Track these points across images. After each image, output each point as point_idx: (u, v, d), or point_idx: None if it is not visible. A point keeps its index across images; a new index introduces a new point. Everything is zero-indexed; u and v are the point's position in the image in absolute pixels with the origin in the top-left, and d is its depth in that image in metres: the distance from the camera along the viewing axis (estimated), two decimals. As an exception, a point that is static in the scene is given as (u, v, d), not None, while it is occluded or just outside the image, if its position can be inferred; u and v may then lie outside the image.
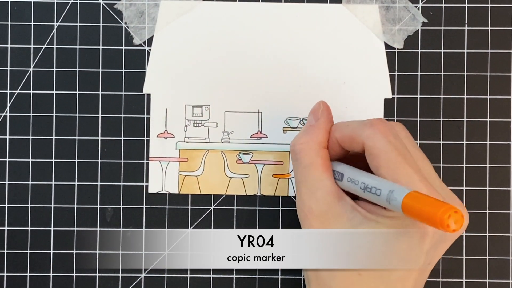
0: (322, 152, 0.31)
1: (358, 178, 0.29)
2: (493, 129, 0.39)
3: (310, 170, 0.31)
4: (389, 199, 0.26)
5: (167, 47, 0.39)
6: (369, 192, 0.28)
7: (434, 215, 0.23)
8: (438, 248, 0.29)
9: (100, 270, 0.38)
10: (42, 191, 0.39)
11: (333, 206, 0.29)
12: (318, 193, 0.30)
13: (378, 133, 0.29)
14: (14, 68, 0.39)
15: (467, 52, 0.39)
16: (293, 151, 0.32)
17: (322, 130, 0.32)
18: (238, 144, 0.39)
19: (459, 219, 0.24)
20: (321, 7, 0.39)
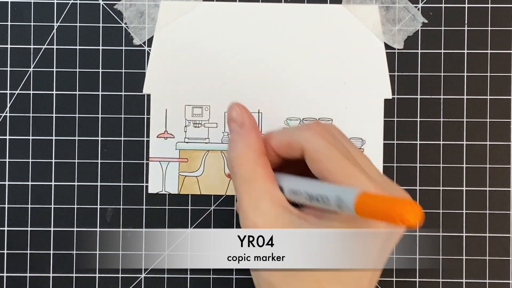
0: (261, 160, 0.29)
1: (300, 189, 0.28)
2: (493, 129, 0.39)
3: (252, 183, 0.29)
4: (339, 204, 0.26)
5: (167, 47, 0.39)
6: (317, 201, 0.27)
7: (391, 213, 0.23)
8: (390, 239, 0.28)
9: (100, 270, 0.38)
10: (42, 191, 0.39)
11: (278, 218, 0.28)
12: (262, 205, 0.28)
13: (316, 136, 0.28)
14: (14, 68, 0.39)
15: (467, 52, 0.39)
16: (231, 167, 0.29)
17: (253, 136, 0.30)
18: (238, 144, 0.39)
19: (416, 212, 0.23)
20: (321, 7, 0.39)
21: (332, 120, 0.39)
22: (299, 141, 0.28)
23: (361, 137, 0.39)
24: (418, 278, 0.38)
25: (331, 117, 0.39)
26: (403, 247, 0.39)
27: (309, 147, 0.28)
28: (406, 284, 0.38)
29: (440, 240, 0.38)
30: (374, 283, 0.29)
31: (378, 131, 0.39)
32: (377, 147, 0.39)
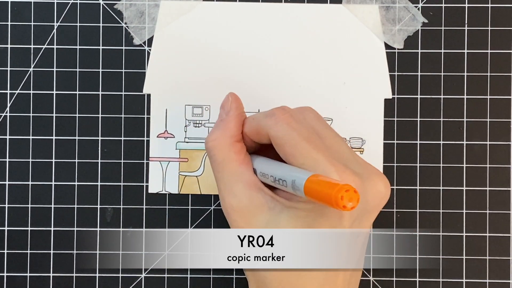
0: (236, 146, 0.31)
1: (267, 171, 0.29)
2: (493, 129, 0.39)
3: (225, 166, 0.30)
4: (294, 188, 0.27)
5: (167, 47, 0.39)
6: (279, 184, 0.28)
7: (329, 198, 0.24)
8: (363, 220, 0.28)
9: (100, 270, 0.38)
10: (42, 191, 0.39)
11: (252, 199, 0.29)
12: (235, 188, 0.30)
13: (279, 122, 0.29)
14: (14, 68, 0.39)
15: (467, 52, 0.39)
16: (207, 148, 0.32)
17: (232, 123, 0.32)
18: (238, 144, 0.39)
19: (352, 196, 0.24)
20: (321, 7, 0.39)
21: (332, 120, 0.39)
22: (264, 128, 0.30)
23: (361, 137, 0.39)
24: (418, 278, 0.38)
25: (331, 117, 0.39)
26: (403, 247, 0.39)
27: (272, 133, 0.29)
28: (406, 284, 0.38)
29: (440, 240, 0.38)
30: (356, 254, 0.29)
31: (378, 131, 0.39)
32: (377, 147, 0.39)
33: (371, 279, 0.38)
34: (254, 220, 0.29)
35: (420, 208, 0.39)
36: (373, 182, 0.28)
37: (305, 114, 0.31)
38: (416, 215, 0.39)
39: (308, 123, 0.30)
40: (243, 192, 0.30)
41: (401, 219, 0.39)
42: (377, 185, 0.28)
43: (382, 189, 0.28)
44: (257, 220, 0.29)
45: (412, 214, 0.39)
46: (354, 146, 0.39)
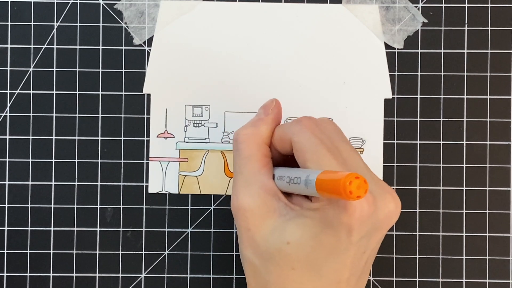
0: (264, 148, 0.31)
1: (285, 174, 0.30)
2: (493, 129, 0.39)
3: (248, 162, 0.30)
4: (306, 183, 0.27)
5: (167, 47, 0.39)
6: (293, 183, 0.28)
7: (337, 185, 0.24)
8: (371, 237, 0.28)
9: (100, 270, 0.38)
10: (42, 191, 0.39)
11: (266, 202, 0.29)
12: (253, 187, 0.30)
13: (303, 128, 0.29)
14: (14, 68, 0.39)
15: (467, 52, 0.39)
16: (236, 140, 0.31)
17: (268, 125, 0.32)
18: (238, 144, 0.39)
19: (361, 184, 0.24)
20: (321, 7, 0.39)
21: (332, 120, 0.39)
22: (288, 134, 0.30)
23: (361, 137, 0.39)
24: (418, 278, 0.38)
25: (331, 117, 0.39)
26: (403, 247, 0.39)
27: (295, 138, 0.29)
28: (406, 284, 0.38)
29: (440, 240, 0.38)
30: (358, 272, 0.29)
31: (378, 131, 0.39)
32: (377, 147, 0.39)
33: (371, 279, 0.38)
34: (263, 223, 0.29)
35: (420, 208, 0.39)
36: (385, 201, 0.28)
37: (327, 125, 0.31)
38: (416, 215, 0.39)
39: (329, 135, 0.30)
40: (259, 193, 0.30)
41: (401, 219, 0.39)
42: (389, 203, 0.28)
43: (393, 208, 0.29)
44: (265, 224, 0.29)
45: (412, 214, 0.39)
46: (354, 146, 0.39)
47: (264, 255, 0.29)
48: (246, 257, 0.30)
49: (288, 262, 0.28)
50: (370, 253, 0.29)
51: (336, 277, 0.28)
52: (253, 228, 0.29)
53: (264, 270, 0.29)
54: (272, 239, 0.28)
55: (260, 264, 0.29)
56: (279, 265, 0.28)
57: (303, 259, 0.28)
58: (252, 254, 0.29)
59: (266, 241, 0.29)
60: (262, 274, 0.29)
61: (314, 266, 0.28)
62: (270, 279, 0.29)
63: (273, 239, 0.28)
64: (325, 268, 0.28)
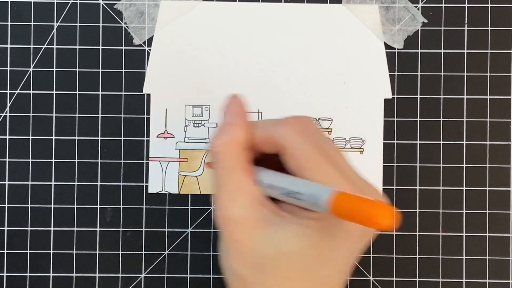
0: (244, 155, 0.29)
1: (277, 184, 0.28)
2: (493, 129, 0.39)
3: (230, 174, 0.29)
4: (314, 203, 0.26)
5: (167, 47, 0.39)
6: (291, 197, 0.27)
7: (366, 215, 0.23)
8: (363, 240, 0.28)
9: (100, 270, 0.38)
10: (42, 191, 0.39)
11: (254, 211, 0.28)
12: (239, 199, 0.28)
13: (294, 132, 0.28)
14: (14, 68, 0.39)
15: (467, 52, 0.39)
16: (213, 153, 0.29)
17: (242, 129, 0.29)
18: (238, 144, 0.39)
19: (390, 214, 0.23)
20: (321, 7, 0.39)
21: (332, 120, 0.39)
22: (277, 137, 0.28)
23: (361, 137, 0.39)
24: (418, 278, 0.38)
25: (331, 117, 0.39)
26: (403, 247, 0.39)
27: (286, 144, 0.28)
28: (406, 284, 0.38)
29: (440, 240, 0.38)
30: (346, 274, 0.29)
31: (378, 131, 0.39)
32: (377, 147, 0.39)
33: (371, 279, 0.38)
34: (253, 234, 0.28)
35: (420, 208, 0.39)
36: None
37: (312, 126, 0.30)
38: (416, 215, 0.39)
39: (317, 136, 0.29)
40: (246, 203, 0.28)
41: (402, 219, 0.38)
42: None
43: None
44: (255, 235, 0.28)
45: (412, 214, 0.39)
46: (354, 146, 0.39)
47: (254, 266, 0.28)
48: (234, 270, 0.28)
49: (284, 271, 0.27)
50: (356, 255, 0.29)
51: (329, 282, 0.28)
52: (242, 240, 0.28)
53: (256, 282, 0.28)
54: (264, 249, 0.27)
55: (251, 276, 0.28)
56: (273, 275, 0.27)
57: (300, 268, 0.27)
58: (241, 267, 0.28)
59: (257, 252, 0.27)
60: (253, 286, 0.28)
61: (310, 274, 0.27)
62: (255, 281, 0.28)
63: (265, 249, 0.27)
64: (320, 274, 0.28)
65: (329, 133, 0.39)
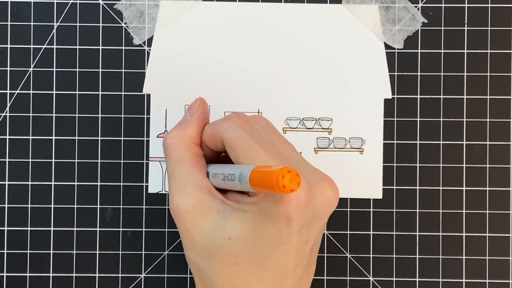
0: (193, 148, 0.31)
1: (219, 171, 0.30)
2: (493, 129, 0.39)
3: (179, 165, 0.30)
4: (240, 179, 0.27)
5: (167, 47, 0.39)
6: (228, 180, 0.28)
7: (270, 180, 0.24)
8: (312, 225, 0.28)
9: (100, 270, 0.38)
10: (42, 191, 0.39)
11: (202, 201, 0.29)
12: (187, 188, 0.30)
13: (233, 125, 0.29)
14: (14, 68, 0.39)
15: (467, 52, 0.39)
16: (164, 145, 0.31)
17: (194, 125, 0.32)
18: (238, 144, 0.39)
19: (294, 178, 0.24)
20: (321, 7, 0.39)
21: (332, 120, 0.39)
22: (219, 131, 0.30)
23: (361, 137, 0.39)
24: (418, 278, 0.38)
25: (331, 117, 0.39)
26: (403, 247, 0.39)
27: (225, 135, 0.29)
28: (406, 284, 0.38)
29: (440, 240, 0.38)
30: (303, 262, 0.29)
31: (378, 131, 0.39)
32: (377, 147, 0.39)
33: (371, 279, 0.38)
34: (202, 222, 0.29)
35: (420, 208, 0.39)
36: (321, 187, 0.28)
37: (258, 121, 0.31)
38: (416, 215, 0.39)
39: (261, 129, 0.30)
40: (194, 193, 0.30)
41: (401, 219, 0.39)
42: (325, 190, 0.28)
43: (330, 194, 0.29)
44: (204, 223, 0.29)
45: (412, 214, 0.39)
46: (354, 146, 0.39)
47: (206, 254, 0.29)
48: (189, 258, 0.30)
49: (231, 258, 0.28)
50: (313, 242, 0.29)
51: (281, 269, 0.28)
52: (192, 228, 0.29)
53: (208, 269, 0.29)
54: (213, 236, 0.28)
55: (203, 264, 0.29)
56: (222, 261, 0.28)
57: (245, 253, 0.28)
58: (194, 255, 0.29)
59: (206, 240, 0.29)
60: (207, 273, 0.29)
61: (258, 259, 0.28)
62: (215, 277, 0.29)
63: (214, 236, 0.28)
64: (268, 260, 0.28)
65: (329, 133, 0.39)
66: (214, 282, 0.29)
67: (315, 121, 0.39)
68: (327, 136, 0.39)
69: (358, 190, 0.39)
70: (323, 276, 0.38)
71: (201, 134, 0.32)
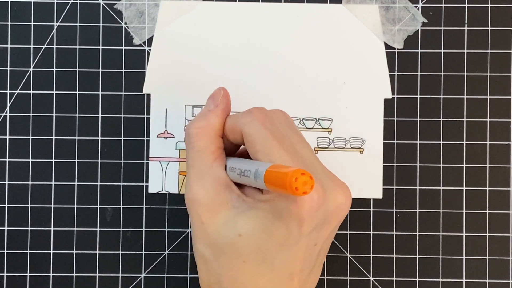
0: (217, 140, 0.31)
1: (236, 165, 0.29)
2: (493, 129, 0.39)
3: (202, 156, 0.30)
4: (256, 176, 0.27)
5: (167, 47, 0.39)
6: (244, 176, 0.28)
7: (284, 181, 0.24)
8: (322, 229, 0.28)
9: (100, 270, 0.38)
10: (42, 191, 0.39)
11: (219, 194, 0.29)
12: (206, 180, 0.30)
13: (254, 120, 0.29)
14: (14, 68, 0.39)
15: (467, 52, 0.39)
16: (188, 134, 0.31)
17: (219, 117, 0.31)
18: (238, 144, 0.39)
19: (307, 181, 0.24)
20: (321, 7, 0.39)
21: (332, 120, 0.39)
22: (239, 125, 0.30)
23: (361, 137, 0.39)
24: (418, 278, 0.38)
25: (331, 117, 0.39)
26: (403, 247, 0.39)
27: (245, 130, 0.29)
28: (406, 284, 0.38)
29: (440, 240, 0.38)
30: (310, 264, 0.29)
31: (378, 131, 0.39)
32: (377, 147, 0.39)
33: (371, 279, 0.38)
34: (217, 216, 0.29)
35: (420, 208, 0.39)
36: (334, 192, 0.28)
37: (278, 116, 0.31)
38: (416, 215, 0.39)
39: (281, 126, 0.30)
40: (212, 185, 0.29)
41: (401, 219, 0.39)
42: (338, 195, 0.28)
43: (342, 200, 0.29)
44: (218, 217, 0.29)
45: (412, 214, 0.39)
46: (354, 146, 0.39)
47: (216, 248, 0.29)
48: (198, 250, 0.30)
49: (240, 255, 0.28)
50: (322, 245, 0.29)
51: (288, 270, 0.28)
52: (207, 221, 0.29)
53: (216, 264, 0.29)
54: (224, 231, 0.28)
55: (212, 258, 0.29)
56: (230, 258, 0.28)
57: (254, 251, 0.28)
58: (204, 247, 0.29)
59: (218, 234, 0.29)
60: (214, 267, 0.29)
61: (266, 258, 0.28)
62: (222, 272, 0.28)
63: (225, 231, 0.28)
64: (277, 260, 0.28)
65: (329, 133, 0.39)
66: (220, 277, 0.29)
67: (315, 121, 0.39)
68: (327, 136, 0.39)
69: (358, 190, 0.39)
70: (323, 276, 0.38)
71: (224, 125, 0.32)
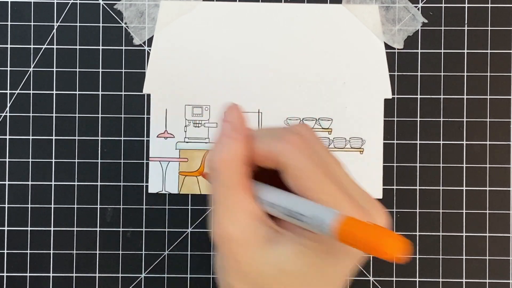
0: (244, 170, 0.28)
1: (278, 203, 0.27)
2: (493, 129, 0.39)
3: (230, 191, 0.27)
4: (317, 225, 0.25)
5: (167, 47, 0.39)
6: (293, 218, 0.26)
7: (376, 245, 0.22)
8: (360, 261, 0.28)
9: (100, 270, 0.38)
10: (42, 191, 0.39)
11: (254, 230, 0.27)
12: (238, 217, 0.27)
13: (295, 150, 0.27)
14: (14, 68, 0.39)
15: (467, 52, 0.39)
16: (212, 168, 0.28)
17: (243, 143, 0.28)
18: (238, 144, 0.39)
19: (399, 245, 0.22)
20: (321, 7, 0.39)
21: (332, 120, 0.39)
22: (277, 154, 0.27)
23: (361, 137, 0.39)
24: (418, 278, 0.38)
25: (331, 117, 0.39)
26: (403, 247, 0.39)
27: (287, 162, 0.27)
28: (406, 284, 0.38)
29: (440, 240, 0.38)
30: None
31: (378, 131, 0.39)
32: (377, 147, 0.39)
33: (371, 279, 0.38)
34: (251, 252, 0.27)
35: (420, 208, 0.39)
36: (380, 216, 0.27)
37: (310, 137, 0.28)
38: (416, 215, 0.39)
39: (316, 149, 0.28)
40: (245, 221, 0.27)
41: (401, 219, 0.39)
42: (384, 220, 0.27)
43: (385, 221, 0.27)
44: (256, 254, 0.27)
45: (412, 214, 0.39)
46: (354, 146, 0.39)
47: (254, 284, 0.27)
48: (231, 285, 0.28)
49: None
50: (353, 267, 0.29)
51: None
52: (242, 259, 0.27)
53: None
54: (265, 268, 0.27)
55: None
56: None
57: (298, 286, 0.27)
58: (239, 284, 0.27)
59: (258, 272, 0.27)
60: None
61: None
62: None
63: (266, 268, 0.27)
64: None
65: (329, 133, 0.39)
66: None
67: (315, 121, 0.39)
68: (327, 136, 0.39)
69: (358, 190, 0.39)
70: (323, 276, 0.38)
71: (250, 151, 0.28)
